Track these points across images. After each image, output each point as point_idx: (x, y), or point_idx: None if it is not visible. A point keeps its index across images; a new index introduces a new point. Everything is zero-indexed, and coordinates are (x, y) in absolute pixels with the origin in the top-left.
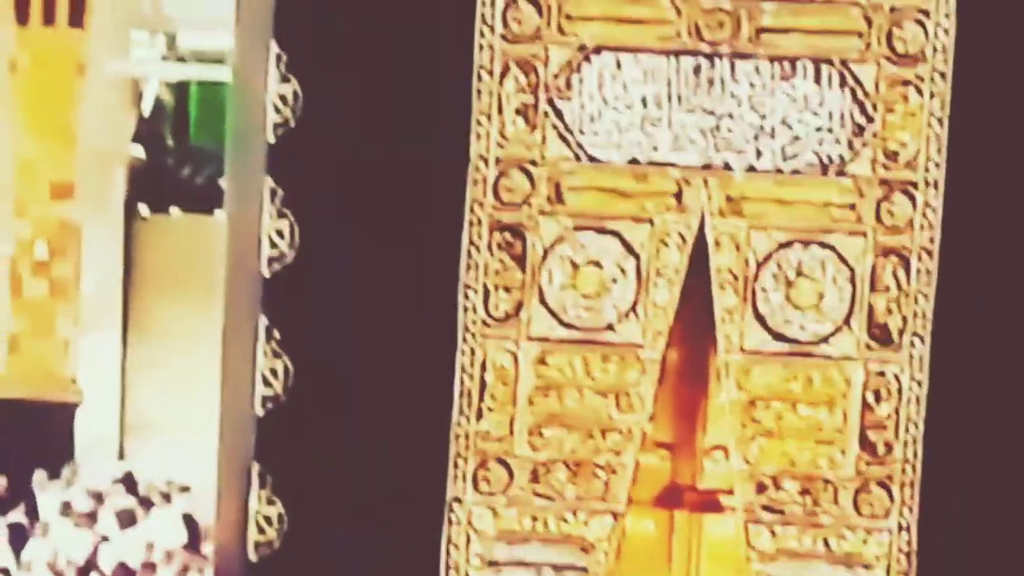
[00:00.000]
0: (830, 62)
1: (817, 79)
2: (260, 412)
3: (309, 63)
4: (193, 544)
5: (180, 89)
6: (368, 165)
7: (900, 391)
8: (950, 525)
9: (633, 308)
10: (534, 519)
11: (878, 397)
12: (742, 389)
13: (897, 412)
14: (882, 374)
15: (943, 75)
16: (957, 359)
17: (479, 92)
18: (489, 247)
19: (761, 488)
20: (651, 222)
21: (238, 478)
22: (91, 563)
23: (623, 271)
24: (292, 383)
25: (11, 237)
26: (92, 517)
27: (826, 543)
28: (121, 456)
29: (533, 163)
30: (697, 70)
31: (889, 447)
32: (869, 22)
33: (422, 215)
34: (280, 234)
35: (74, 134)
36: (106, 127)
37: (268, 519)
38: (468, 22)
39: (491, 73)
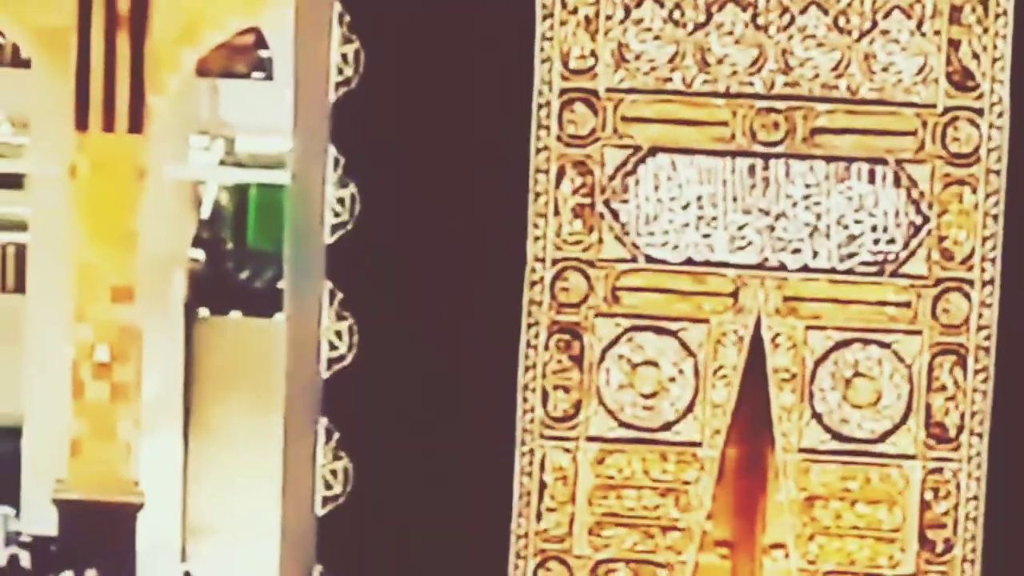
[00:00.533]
0: (884, 162)
1: (872, 179)
2: (321, 513)
3: (367, 166)
4: None
5: (239, 193)
6: (426, 267)
7: (959, 489)
8: None
9: (691, 407)
10: None
11: (937, 495)
12: (801, 488)
13: (956, 510)
14: (940, 472)
15: (997, 173)
16: (1015, 456)
17: (536, 194)
18: (547, 347)
19: None
20: (708, 322)
21: None
22: None
23: (680, 371)
24: (352, 484)
25: (72, 341)
26: None
27: None
28: (183, 558)
29: (590, 264)
30: (752, 170)
31: (948, 545)
32: (923, 123)
33: (480, 316)
34: (339, 335)
35: (135, 238)
36: (166, 231)
37: None
38: (525, 124)
39: (547, 174)
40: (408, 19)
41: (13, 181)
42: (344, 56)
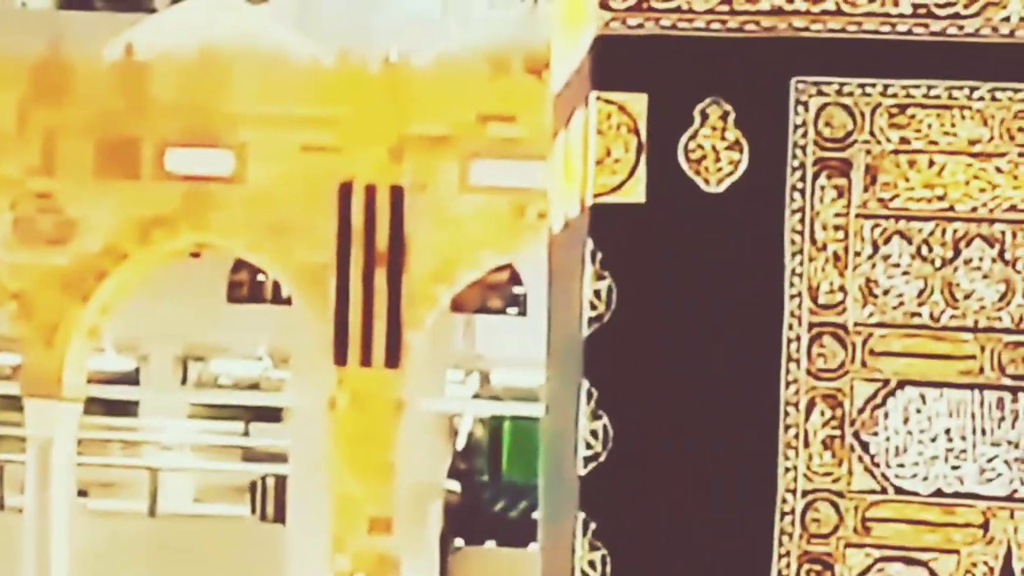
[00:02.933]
0: None
1: None
2: None
3: (619, 399)
4: None
5: (494, 425)
6: (674, 499)
7: None
8: None
9: None
10: None
11: None
12: None
13: None
14: None
15: None
16: None
17: (786, 426)
18: None
19: None
20: (958, 552)
21: None
22: None
23: None
24: None
25: (332, 571)
26: None
27: None
28: None
29: (840, 495)
30: (1001, 404)
31: None
32: None
33: (731, 548)
34: (592, 565)
35: (392, 470)
36: (423, 463)
37: None
38: (775, 357)
39: (797, 407)
40: (659, 253)
41: (274, 415)
42: (597, 292)
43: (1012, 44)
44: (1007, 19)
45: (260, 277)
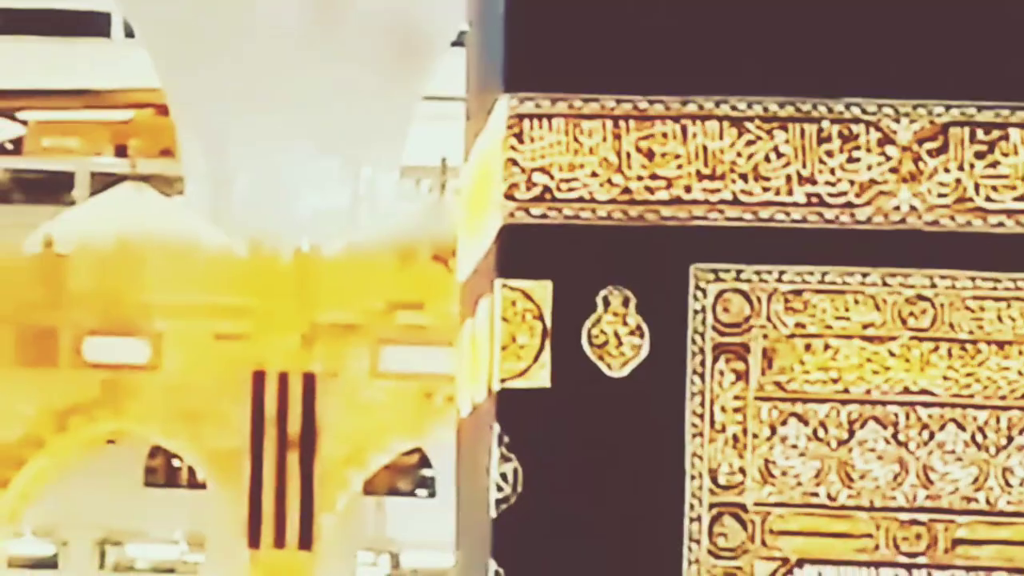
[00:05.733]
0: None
1: None
2: None
3: None
4: None
5: None
6: None
7: None
8: None
9: None
10: None
11: None
12: None
13: None
14: None
15: None
16: None
17: None
18: None
19: None
20: None
21: None
22: None
23: None
24: None
25: None
26: None
27: None
28: None
29: None
30: None
31: None
32: None
33: None
34: None
35: None
36: None
37: None
38: (677, 536)
39: None
40: (565, 436)
41: None
42: (503, 475)
43: (902, 231)
44: (897, 207)
45: (176, 462)
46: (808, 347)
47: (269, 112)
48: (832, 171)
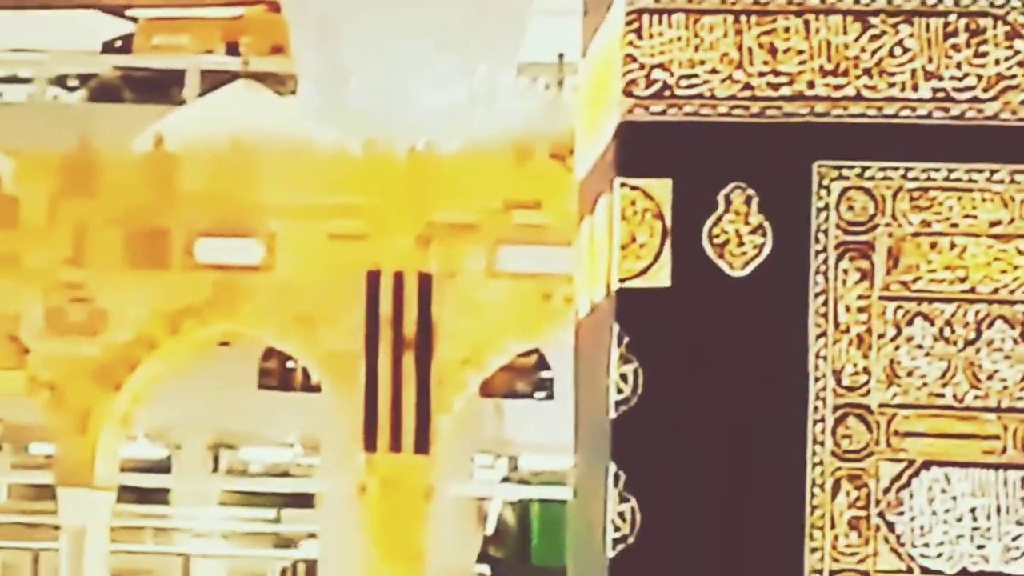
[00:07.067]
0: None
1: None
2: None
3: (647, 482)
4: None
5: (522, 509)
6: None
7: None
8: None
9: None
10: None
11: None
12: None
13: None
14: None
15: None
16: None
17: (812, 507)
18: None
19: None
20: None
21: None
22: None
23: None
24: None
25: None
26: None
27: None
28: None
29: (866, 575)
30: None
31: None
32: None
33: None
34: None
35: (422, 555)
36: (452, 547)
37: None
38: (800, 438)
39: (823, 488)
40: (685, 337)
41: (305, 501)
42: (623, 376)
43: None
44: (1023, 102)
45: (290, 364)
46: (934, 246)
47: (384, 8)
48: (958, 66)
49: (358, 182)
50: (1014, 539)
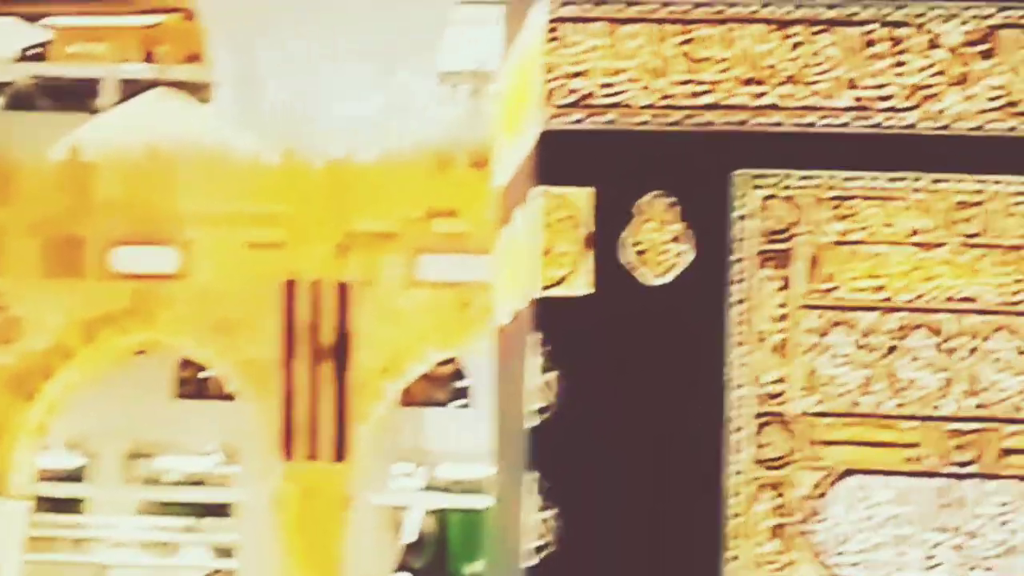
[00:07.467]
0: None
1: None
2: None
3: (566, 489)
4: None
5: (440, 517)
6: None
7: None
8: None
9: None
10: None
11: None
12: None
13: None
14: None
15: None
16: None
17: (731, 516)
18: None
19: None
20: None
21: None
22: None
23: None
24: None
25: None
26: None
27: None
28: None
29: None
30: (944, 491)
31: None
32: None
33: None
34: None
35: (339, 564)
36: (371, 556)
37: None
38: (719, 446)
39: (742, 496)
40: (605, 345)
41: (224, 510)
42: (543, 383)
43: (950, 136)
44: (943, 111)
45: (206, 373)
46: (854, 254)
47: (300, 16)
48: (879, 75)
49: (276, 190)
50: (934, 546)
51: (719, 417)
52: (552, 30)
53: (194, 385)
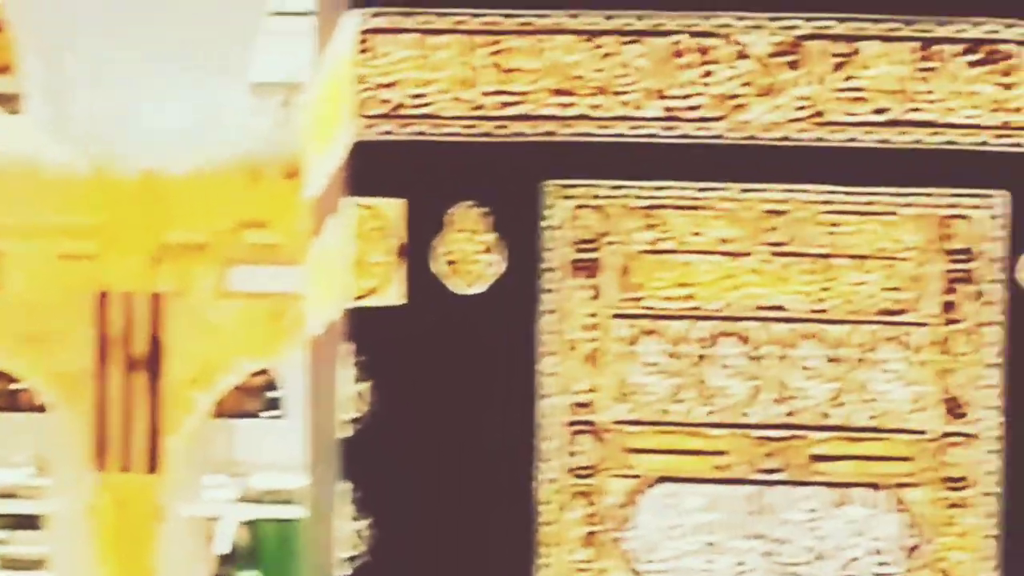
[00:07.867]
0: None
1: (869, 504)
2: None
3: (379, 499)
4: None
5: (254, 528)
6: None
7: None
8: None
9: None
10: None
11: None
12: None
13: None
14: None
15: (997, 495)
16: None
17: (543, 524)
18: None
19: None
20: None
21: None
22: None
23: None
24: None
25: None
26: None
27: None
28: None
29: None
30: (752, 498)
31: None
32: (919, 449)
33: None
34: None
35: (153, 575)
36: (184, 567)
37: None
38: (531, 455)
39: (553, 505)
40: (417, 355)
41: (35, 522)
42: (355, 394)
43: (757, 145)
44: (750, 121)
45: (18, 385)
46: (664, 263)
47: (110, 27)
48: (687, 86)
49: (87, 202)
50: (743, 553)
51: (531, 426)
52: (363, 41)
53: (5, 397)
